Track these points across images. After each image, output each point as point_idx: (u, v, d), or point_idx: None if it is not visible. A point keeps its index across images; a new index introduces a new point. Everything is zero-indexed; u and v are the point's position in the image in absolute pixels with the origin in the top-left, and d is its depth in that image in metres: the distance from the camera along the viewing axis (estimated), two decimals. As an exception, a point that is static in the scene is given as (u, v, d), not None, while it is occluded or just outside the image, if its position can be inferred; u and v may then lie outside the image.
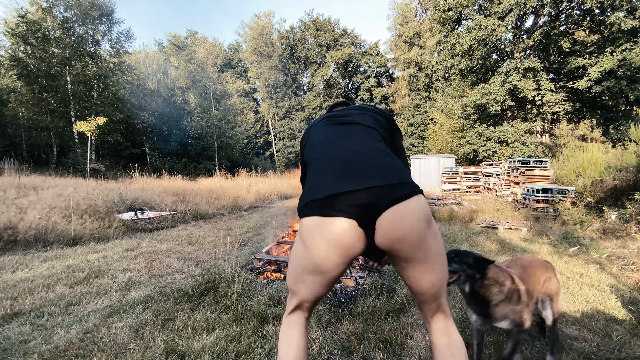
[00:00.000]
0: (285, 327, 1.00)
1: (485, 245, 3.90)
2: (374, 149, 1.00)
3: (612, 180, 5.64)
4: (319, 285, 0.95)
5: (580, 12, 12.03)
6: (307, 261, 0.92)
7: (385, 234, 0.85)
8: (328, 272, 0.91)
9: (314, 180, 0.96)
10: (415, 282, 0.92)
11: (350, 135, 1.06)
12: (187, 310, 2.11)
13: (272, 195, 10.97)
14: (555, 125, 16.72)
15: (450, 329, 0.95)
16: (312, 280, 0.94)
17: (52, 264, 3.22)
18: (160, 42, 33.73)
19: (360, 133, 1.07)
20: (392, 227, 0.84)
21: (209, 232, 5.11)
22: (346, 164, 0.93)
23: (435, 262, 0.90)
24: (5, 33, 15.37)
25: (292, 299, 1.01)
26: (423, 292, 0.93)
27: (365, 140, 1.03)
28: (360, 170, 0.91)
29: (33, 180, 7.54)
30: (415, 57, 27.66)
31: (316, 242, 0.88)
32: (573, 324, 1.90)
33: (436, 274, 0.91)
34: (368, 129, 1.09)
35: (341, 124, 1.13)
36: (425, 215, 0.87)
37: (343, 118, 1.16)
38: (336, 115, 1.19)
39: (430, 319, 0.97)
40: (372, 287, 2.41)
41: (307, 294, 0.97)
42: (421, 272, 0.90)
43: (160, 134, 23.51)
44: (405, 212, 0.84)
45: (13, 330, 1.90)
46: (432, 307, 0.95)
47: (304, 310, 1.01)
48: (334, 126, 1.14)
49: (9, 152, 14.12)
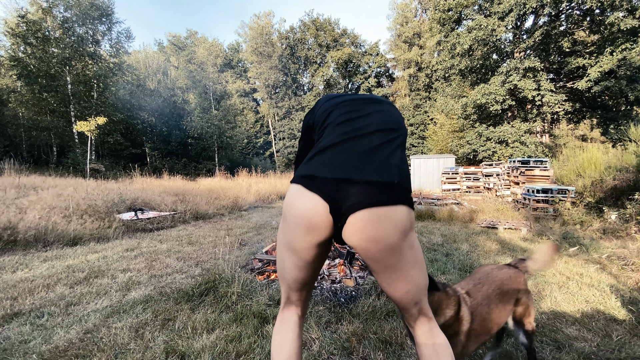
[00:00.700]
0: (279, 325, 0.99)
1: (485, 246, 3.90)
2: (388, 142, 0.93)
3: (612, 180, 5.64)
4: (296, 267, 0.93)
5: (580, 12, 12.03)
6: (284, 235, 0.92)
7: (354, 231, 0.82)
8: (300, 252, 0.90)
9: (315, 156, 0.92)
10: (387, 288, 0.90)
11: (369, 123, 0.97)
12: (187, 310, 2.11)
13: (272, 195, 10.97)
14: (555, 125, 16.72)
15: (434, 331, 0.94)
16: (289, 260, 0.93)
17: (52, 264, 3.22)
18: (160, 42, 33.77)
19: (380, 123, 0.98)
20: (363, 227, 0.81)
21: (209, 232, 5.11)
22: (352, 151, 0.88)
23: (410, 271, 0.88)
24: (5, 33, 15.39)
25: (282, 289, 1.01)
26: (397, 299, 0.91)
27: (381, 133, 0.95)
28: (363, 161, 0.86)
29: (33, 180, 7.54)
30: (415, 57, 27.66)
31: (291, 213, 0.88)
32: (573, 324, 1.90)
33: (411, 283, 0.89)
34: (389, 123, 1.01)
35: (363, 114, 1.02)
36: (402, 226, 0.83)
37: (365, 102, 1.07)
38: (359, 99, 1.09)
39: (413, 323, 0.95)
40: (372, 287, 2.41)
41: (288, 277, 0.96)
42: (394, 280, 0.88)
43: (160, 134, 23.51)
44: (381, 218, 0.81)
45: (13, 330, 1.90)
46: (413, 313, 0.94)
47: (295, 304, 1.00)
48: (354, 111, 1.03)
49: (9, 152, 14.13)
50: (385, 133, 0.95)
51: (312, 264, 0.93)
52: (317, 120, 1.08)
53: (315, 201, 0.83)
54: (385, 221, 0.81)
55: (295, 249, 0.90)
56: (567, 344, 1.69)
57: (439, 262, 3.16)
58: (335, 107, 1.06)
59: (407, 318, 0.96)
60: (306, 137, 1.23)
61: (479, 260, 3.26)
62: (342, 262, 2.92)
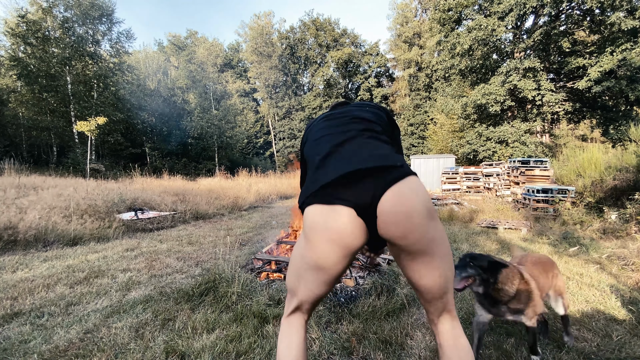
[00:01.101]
0: (285, 329, 0.98)
1: (485, 246, 3.90)
2: (374, 139, 1.00)
3: (612, 180, 5.64)
4: (321, 283, 0.92)
5: (580, 12, 12.02)
6: (309, 255, 0.90)
7: (386, 216, 0.82)
8: (330, 268, 0.89)
9: (315, 173, 0.95)
10: (419, 277, 0.88)
11: (350, 129, 1.05)
12: (187, 310, 2.11)
13: (272, 195, 10.97)
14: (555, 125, 16.72)
15: (456, 331, 0.92)
16: (313, 278, 0.92)
17: (52, 264, 3.22)
18: (160, 42, 33.76)
19: (360, 125, 1.06)
20: (391, 208, 0.82)
21: (209, 232, 5.11)
22: (347, 153, 0.93)
23: (442, 256, 0.87)
24: (5, 33, 15.38)
25: (292, 300, 0.99)
26: (428, 288, 0.89)
27: (365, 132, 1.03)
28: (360, 156, 0.90)
29: (33, 180, 7.54)
30: (415, 57, 27.65)
31: (318, 232, 0.86)
32: (573, 324, 1.90)
33: (443, 267, 0.88)
34: (368, 123, 1.09)
35: (341, 119, 1.12)
36: (423, 193, 0.86)
37: (343, 114, 1.16)
38: (336, 112, 1.19)
39: (437, 319, 0.93)
40: (372, 287, 2.41)
41: (307, 294, 0.95)
42: (425, 266, 0.86)
43: (160, 134, 23.50)
44: (402, 192, 0.82)
45: (13, 330, 1.90)
46: (438, 307, 0.91)
47: (304, 312, 0.99)
48: (334, 120, 1.13)
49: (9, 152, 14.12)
50: (368, 132, 1.03)
51: (338, 277, 0.94)
52: (307, 144, 1.16)
53: (340, 212, 0.84)
54: (408, 192, 0.84)
55: (324, 267, 0.89)
56: (567, 344, 1.69)
57: (439, 262, 3.15)
58: (316, 126, 1.17)
59: (431, 313, 0.94)
60: (303, 162, 1.26)
61: (479, 260, 3.26)
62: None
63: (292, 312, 1.00)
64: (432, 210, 0.87)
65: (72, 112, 16.69)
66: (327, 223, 0.85)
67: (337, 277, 0.93)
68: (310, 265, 0.91)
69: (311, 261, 0.90)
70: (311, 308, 1.00)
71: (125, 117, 19.62)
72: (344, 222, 0.84)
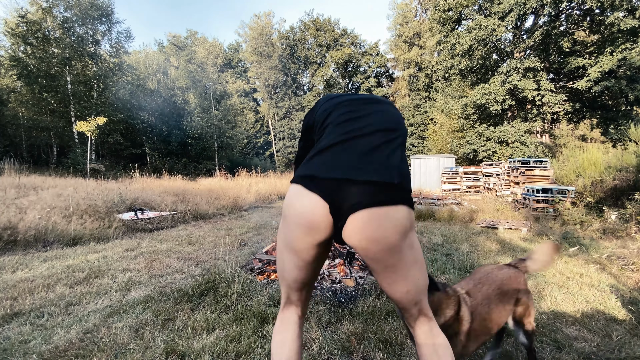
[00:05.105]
0: (279, 325, 0.99)
1: (485, 246, 3.90)
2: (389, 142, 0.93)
3: (612, 180, 5.64)
4: (296, 267, 0.93)
5: (580, 12, 12.03)
6: (284, 232, 0.92)
7: (354, 231, 0.82)
8: (300, 252, 0.90)
9: (315, 155, 0.91)
10: (387, 288, 0.90)
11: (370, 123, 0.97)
12: (187, 310, 2.11)
13: (272, 195, 10.97)
14: (555, 125, 16.72)
15: (434, 331, 0.94)
16: (289, 260, 0.93)
17: (52, 264, 3.22)
18: (160, 42, 33.76)
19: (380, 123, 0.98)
20: (363, 227, 0.81)
21: (209, 232, 5.11)
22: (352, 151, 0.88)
23: (410, 271, 0.88)
24: (5, 33, 15.38)
25: (282, 289, 1.01)
26: (397, 299, 0.91)
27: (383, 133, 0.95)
28: (362, 161, 0.86)
29: (33, 180, 7.55)
30: (415, 57, 27.65)
31: (290, 213, 0.88)
32: (573, 324, 1.90)
33: (411, 283, 0.89)
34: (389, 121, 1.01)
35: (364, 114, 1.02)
36: (402, 226, 0.83)
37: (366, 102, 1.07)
38: (360, 100, 1.09)
39: (413, 323, 0.95)
40: (372, 287, 2.41)
41: (288, 277, 0.96)
42: (394, 280, 0.87)
43: (160, 134, 23.50)
44: (381, 218, 0.81)
45: (13, 330, 1.90)
46: (412, 313, 0.94)
47: (295, 304, 1.01)
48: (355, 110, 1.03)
49: (9, 152, 14.12)
50: (385, 133, 0.94)
51: (312, 264, 0.93)
52: (317, 120, 1.08)
53: (315, 201, 0.83)
54: (386, 221, 0.81)
55: (296, 249, 0.90)
56: (567, 344, 1.69)
57: (439, 262, 3.16)
58: (335, 107, 1.05)
59: (407, 318, 0.96)
60: (306, 138, 1.22)
61: (479, 260, 3.26)
62: (342, 262, 2.92)
63: (285, 305, 1.01)
64: (409, 234, 0.85)
65: (72, 112, 16.70)
66: (301, 207, 0.85)
67: (310, 264, 0.93)
68: (285, 244, 0.93)
69: (285, 239, 0.92)
70: (299, 298, 1.00)
71: (125, 117, 19.63)
72: (314, 212, 0.83)
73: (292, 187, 0.90)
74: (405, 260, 0.86)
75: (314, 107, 1.18)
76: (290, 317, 0.99)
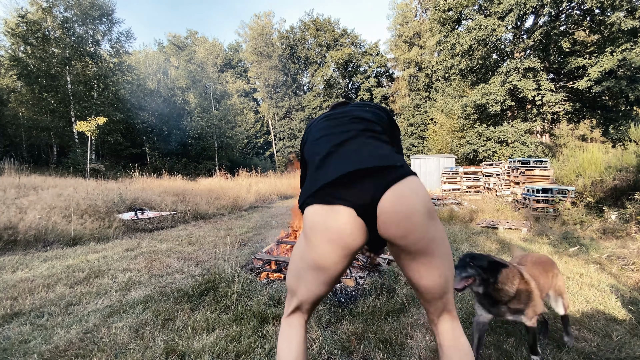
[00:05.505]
0: (285, 330, 0.98)
1: (485, 246, 3.90)
2: (374, 139, 1.00)
3: (612, 180, 5.64)
4: (321, 283, 0.92)
5: (580, 12, 12.03)
6: (309, 255, 0.90)
7: (386, 217, 0.82)
8: (330, 268, 0.89)
9: (315, 173, 0.95)
10: (419, 277, 0.88)
11: (351, 128, 1.05)
12: (187, 310, 2.11)
13: (272, 195, 10.97)
14: (555, 125, 16.72)
15: (456, 331, 0.92)
16: (313, 278, 0.92)
17: (52, 264, 3.22)
18: (160, 42, 33.73)
19: (360, 125, 1.06)
20: (392, 208, 0.82)
21: (209, 232, 5.11)
22: (346, 153, 0.93)
23: (440, 254, 0.87)
24: (5, 33, 15.38)
25: (292, 300, 0.99)
26: (428, 289, 0.88)
27: (366, 132, 1.02)
28: (360, 156, 0.91)
29: (33, 180, 7.55)
30: (415, 57, 27.65)
31: (318, 232, 0.86)
32: (573, 324, 1.90)
33: (441, 268, 0.87)
34: (369, 123, 1.08)
35: (341, 119, 1.12)
36: (422, 193, 0.85)
37: (343, 114, 1.15)
38: (336, 112, 1.18)
39: (437, 319, 0.93)
40: (372, 287, 2.41)
41: (307, 294, 0.95)
42: (425, 265, 0.86)
43: (160, 134, 23.49)
44: (402, 192, 0.83)
45: (13, 330, 1.90)
46: (438, 307, 0.91)
47: (304, 312, 1.00)
48: (334, 120, 1.13)
49: (9, 152, 14.11)
50: (369, 132, 1.02)
51: (338, 277, 0.94)
52: (307, 144, 1.15)
53: (340, 212, 0.84)
54: (408, 192, 0.84)
55: (324, 266, 0.89)
56: (567, 344, 1.69)
57: (439, 262, 3.15)
58: (316, 126, 1.16)
59: (431, 313, 0.94)
60: (303, 163, 1.25)
61: (479, 260, 3.26)
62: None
63: (292, 312, 1.00)
64: (432, 210, 0.87)
65: (72, 112, 16.69)
66: (327, 223, 0.85)
67: (337, 277, 0.93)
68: (310, 265, 0.91)
69: (311, 261, 0.90)
70: (311, 308, 1.00)
71: (125, 117, 19.61)
72: (344, 222, 0.84)
73: (309, 210, 0.90)
74: (437, 242, 0.87)
75: (303, 135, 1.27)
76: (297, 322, 0.99)
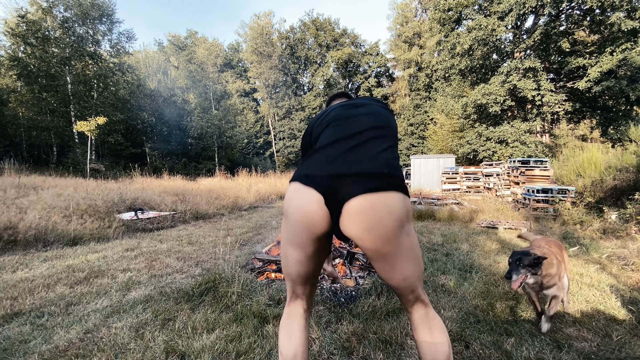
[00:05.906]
0: (286, 318, 1.03)
1: (485, 245, 3.90)
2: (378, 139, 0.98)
3: (612, 180, 5.64)
4: (299, 262, 0.97)
5: (580, 12, 12.03)
6: (285, 229, 0.96)
7: (350, 219, 0.83)
8: (301, 247, 0.94)
9: (312, 157, 0.97)
10: (385, 276, 0.93)
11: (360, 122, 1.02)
12: (187, 310, 2.11)
13: (272, 195, 10.97)
14: (555, 125, 16.73)
15: (430, 314, 0.97)
16: (291, 255, 0.97)
17: (52, 264, 3.22)
18: (160, 42, 33.78)
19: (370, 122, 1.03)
20: (358, 214, 0.82)
21: (209, 232, 5.11)
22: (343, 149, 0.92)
23: (407, 259, 0.90)
24: (5, 33, 15.38)
25: (287, 284, 1.06)
26: (394, 286, 0.94)
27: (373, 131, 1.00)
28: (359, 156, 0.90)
29: (33, 180, 7.55)
30: (415, 57, 27.65)
31: (290, 209, 0.91)
32: (573, 324, 1.90)
33: (408, 270, 0.91)
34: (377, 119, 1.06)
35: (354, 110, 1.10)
36: (398, 212, 0.84)
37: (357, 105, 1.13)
38: (352, 103, 1.16)
39: (410, 308, 0.99)
40: (372, 287, 2.41)
41: (292, 272, 1.00)
42: (391, 267, 0.90)
43: (160, 134, 23.49)
44: (375, 204, 0.82)
45: (13, 330, 1.90)
46: (409, 299, 0.97)
47: (301, 298, 1.05)
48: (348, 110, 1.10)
49: (9, 152, 14.11)
50: (374, 131, 1.00)
51: (314, 258, 0.97)
52: (315, 126, 1.15)
53: (310, 195, 0.87)
54: (380, 207, 0.83)
55: (297, 244, 0.94)
56: (567, 344, 1.69)
57: (439, 262, 3.16)
58: (329, 113, 1.13)
59: (404, 303, 1.01)
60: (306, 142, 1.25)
61: (479, 260, 3.26)
62: (342, 262, 2.92)
63: (291, 299, 1.05)
64: (405, 223, 0.88)
65: (72, 112, 16.69)
66: (298, 202, 0.89)
67: (312, 258, 0.96)
68: (288, 240, 0.97)
69: (287, 235, 0.96)
70: (304, 292, 1.05)
71: (125, 117, 19.61)
72: (311, 205, 0.87)
73: (290, 186, 0.95)
74: (402, 248, 0.88)
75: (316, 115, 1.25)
76: (297, 310, 1.04)
